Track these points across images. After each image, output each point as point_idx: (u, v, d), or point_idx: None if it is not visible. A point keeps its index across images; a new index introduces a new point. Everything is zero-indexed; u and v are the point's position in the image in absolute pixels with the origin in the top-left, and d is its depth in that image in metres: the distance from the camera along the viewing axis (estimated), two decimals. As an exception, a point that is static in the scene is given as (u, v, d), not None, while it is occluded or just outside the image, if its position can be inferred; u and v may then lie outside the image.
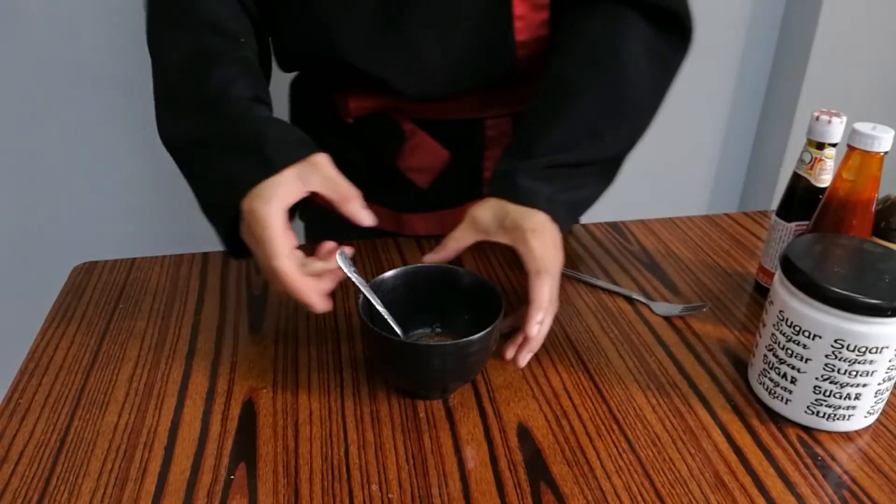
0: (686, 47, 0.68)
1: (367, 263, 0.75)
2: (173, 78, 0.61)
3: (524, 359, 0.56)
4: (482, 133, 0.77)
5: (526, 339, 0.55)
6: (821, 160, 0.63)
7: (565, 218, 0.61)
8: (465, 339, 0.51)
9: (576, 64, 0.64)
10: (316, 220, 0.86)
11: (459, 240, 0.60)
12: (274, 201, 0.52)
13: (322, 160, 0.55)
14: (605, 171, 0.66)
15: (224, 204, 0.55)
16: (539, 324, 0.55)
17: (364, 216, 0.55)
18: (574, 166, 0.62)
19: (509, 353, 0.57)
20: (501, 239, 0.58)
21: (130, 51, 1.24)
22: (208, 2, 0.61)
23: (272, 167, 0.53)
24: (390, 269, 0.58)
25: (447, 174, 0.78)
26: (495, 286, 0.57)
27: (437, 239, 0.77)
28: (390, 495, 0.47)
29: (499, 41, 0.69)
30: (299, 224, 0.89)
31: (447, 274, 0.59)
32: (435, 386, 0.55)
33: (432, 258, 0.61)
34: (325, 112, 0.79)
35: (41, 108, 1.26)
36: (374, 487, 0.47)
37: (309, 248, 0.77)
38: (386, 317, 0.56)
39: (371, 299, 0.55)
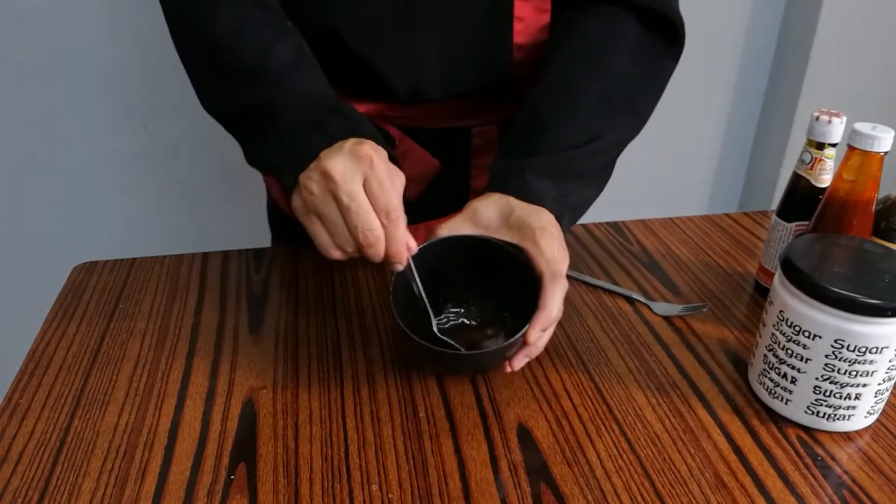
0: (677, 56, 0.68)
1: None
2: (227, 49, 0.58)
3: (519, 362, 0.54)
4: (469, 141, 0.76)
5: (525, 344, 0.53)
6: (821, 160, 0.63)
7: (570, 219, 0.60)
8: (503, 345, 0.51)
9: (576, 64, 0.64)
10: (286, 230, 0.86)
11: (453, 230, 0.57)
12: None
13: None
14: (603, 171, 0.66)
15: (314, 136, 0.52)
16: (542, 331, 0.52)
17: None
18: (577, 166, 0.61)
19: (516, 364, 0.55)
20: (505, 236, 0.56)
21: (131, 50, 1.24)
22: None
23: (379, 141, 0.53)
24: (396, 266, 0.56)
25: (435, 185, 0.77)
26: (525, 257, 0.54)
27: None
28: (390, 495, 0.47)
29: (497, 42, 0.68)
30: (251, 232, 0.89)
31: (480, 245, 0.56)
32: (468, 374, 0.58)
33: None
34: None
35: (41, 107, 1.26)
36: (374, 487, 0.47)
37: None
38: (424, 300, 0.55)
39: (415, 280, 0.54)
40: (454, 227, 0.57)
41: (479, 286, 0.60)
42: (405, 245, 0.50)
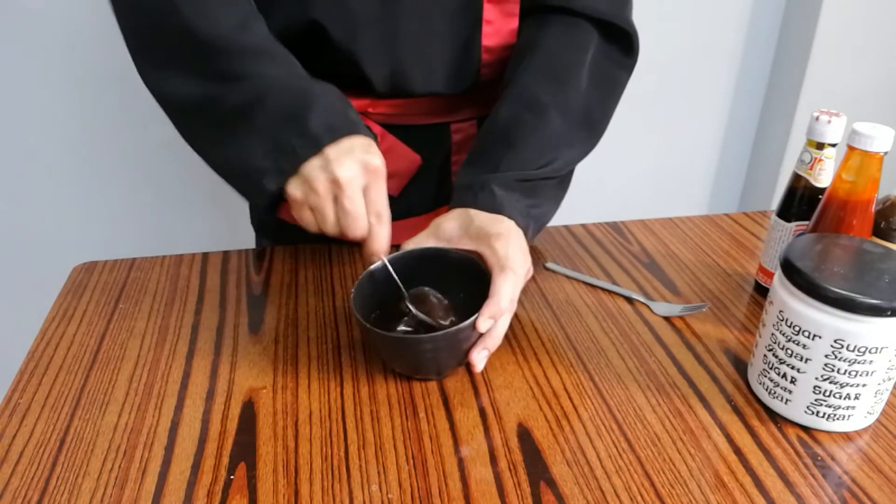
0: (632, 68, 0.70)
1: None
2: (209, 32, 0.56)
3: (478, 358, 0.55)
4: (449, 137, 0.77)
5: (479, 335, 0.54)
6: (821, 160, 0.63)
7: (534, 230, 0.62)
8: (449, 330, 0.52)
9: (537, 78, 0.65)
10: (268, 230, 0.86)
11: (417, 245, 0.60)
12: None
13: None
14: (561, 185, 0.67)
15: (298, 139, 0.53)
16: (491, 319, 0.53)
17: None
18: (540, 182, 0.63)
19: (474, 356, 0.55)
20: (466, 246, 0.58)
21: (130, 51, 1.24)
22: None
23: (362, 130, 0.55)
24: (363, 274, 0.58)
25: (416, 180, 0.78)
26: (484, 266, 0.57)
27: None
28: (390, 495, 0.47)
29: (467, 44, 0.69)
30: (250, 232, 0.89)
31: (439, 255, 0.59)
32: (430, 370, 0.57)
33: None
34: None
35: (41, 107, 1.26)
36: (374, 487, 0.48)
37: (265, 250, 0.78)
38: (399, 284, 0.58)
39: (393, 273, 0.58)
40: (418, 241, 0.60)
41: (444, 293, 0.61)
42: (388, 243, 0.55)
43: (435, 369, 0.57)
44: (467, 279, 0.58)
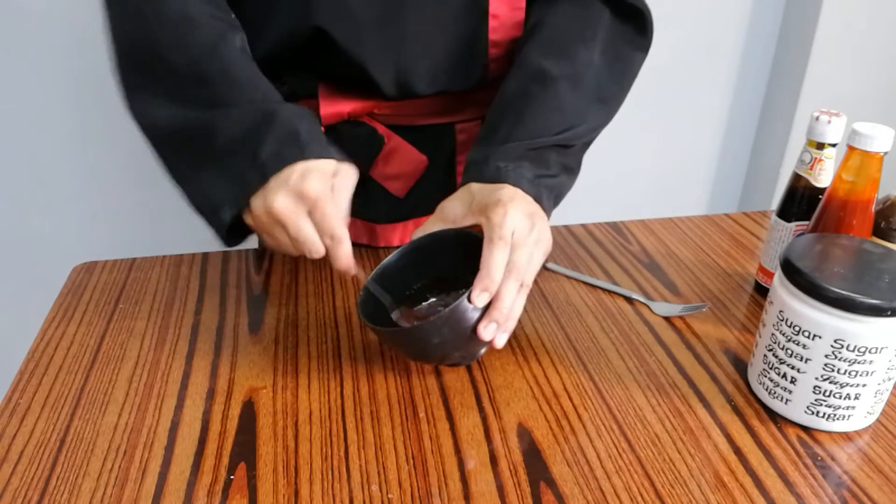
0: (647, 47, 0.70)
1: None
2: (159, 49, 0.58)
3: (486, 332, 0.52)
4: (454, 137, 0.77)
5: (487, 311, 0.52)
6: (820, 160, 0.63)
7: (549, 199, 0.60)
8: (443, 312, 0.50)
9: (547, 54, 0.64)
10: None
11: (424, 231, 0.59)
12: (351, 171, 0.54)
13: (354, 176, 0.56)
14: (573, 161, 0.66)
15: (249, 175, 0.54)
16: (485, 292, 0.51)
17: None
18: (549, 154, 0.62)
19: (481, 330, 0.52)
20: (469, 221, 0.57)
21: (130, 51, 1.24)
22: None
23: (312, 152, 0.54)
24: (373, 269, 0.58)
25: (422, 181, 0.78)
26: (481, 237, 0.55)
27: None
28: (390, 495, 0.47)
29: (473, 39, 0.69)
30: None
31: (432, 240, 0.58)
32: (448, 356, 0.56)
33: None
34: None
35: (41, 107, 1.27)
36: (374, 487, 0.48)
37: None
38: (380, 297, 0.58)
39: (371, 286, 0.57)
40: (425, 228, 0.59)
41: (456, 276, 0.59)
42: (351, 258, 0.54)
43: (455, 353, 0.55)
44: (470, 254, 0.55)
